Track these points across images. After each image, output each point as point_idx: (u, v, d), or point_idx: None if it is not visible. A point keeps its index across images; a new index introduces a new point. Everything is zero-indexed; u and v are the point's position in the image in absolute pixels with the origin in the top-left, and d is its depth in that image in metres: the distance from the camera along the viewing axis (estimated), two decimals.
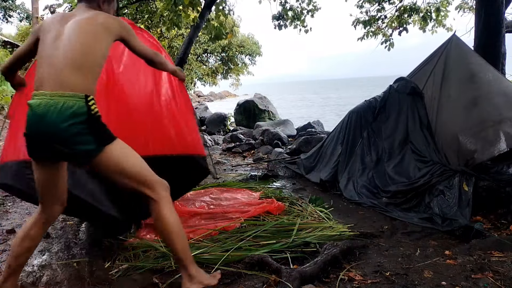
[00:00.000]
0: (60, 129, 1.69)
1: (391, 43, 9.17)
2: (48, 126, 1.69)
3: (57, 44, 1.81)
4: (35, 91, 1.78)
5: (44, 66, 1.79)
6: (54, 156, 1.80)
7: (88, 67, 1.80)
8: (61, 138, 1.71)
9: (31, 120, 1.73)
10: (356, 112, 4.51)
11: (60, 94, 1.71)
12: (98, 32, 1.85)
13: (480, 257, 2.34)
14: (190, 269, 1.94)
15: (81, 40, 1.80)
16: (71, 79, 1.74)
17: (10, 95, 11.57)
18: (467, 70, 3.84)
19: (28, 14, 21.77)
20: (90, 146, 1.75)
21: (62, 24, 1.86)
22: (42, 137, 1.73)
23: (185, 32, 14.53)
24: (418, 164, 3.70)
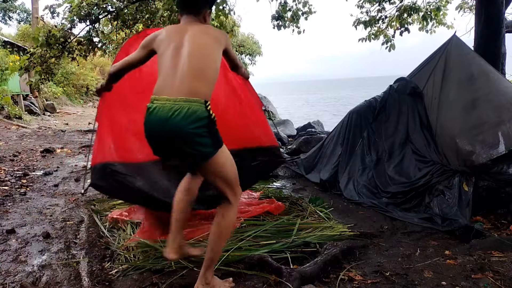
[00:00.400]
0: (185, 131, 1.84)
1: (392, 44, 9.17)
2: (173, 127, 1.84)
3: (179, 55, 1.98)
4: (156, 96, 1.93)
5: (167, 74, 1.96)
6: (175, 154, 1.98)
7: (208, 75, 1.97)
8: (186, 139, 1.86)
9: (154, 122, 1.90)
10: (356, 112, 4.52)
11: (184, 99, 1.86)
12: (212, 44, 2.05)
13: (480, 257, 2.34)
14: (210, 274, 2.04)
15: (202, 51, 1.99)
16: (194, 86, 1.90)
17: (10, 95, 11.58)
18: (467, 71, 3.84)
19: (28, 14, 21.78)
20: (208, 149, 1.91)
21: (180, 36, 2.04)
22: (166, 137, 1.89)
23: None
24: (418, 165, 3.71)
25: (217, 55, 2.06)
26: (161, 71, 2.01)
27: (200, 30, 2.07)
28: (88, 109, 18.42)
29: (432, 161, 3.62)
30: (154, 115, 1.89)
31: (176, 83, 1.91)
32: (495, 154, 3.21)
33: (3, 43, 13.53)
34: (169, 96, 1.89)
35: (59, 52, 7.85)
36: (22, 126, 10.51)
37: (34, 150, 7.09)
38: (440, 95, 3.88)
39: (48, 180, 4.83)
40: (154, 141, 1.98)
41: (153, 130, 1.93)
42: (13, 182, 4.57)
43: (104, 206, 3.64)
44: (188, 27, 2.09)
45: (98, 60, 21.14)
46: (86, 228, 3.10)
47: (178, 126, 1.84)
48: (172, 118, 1.84)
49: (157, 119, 1.88)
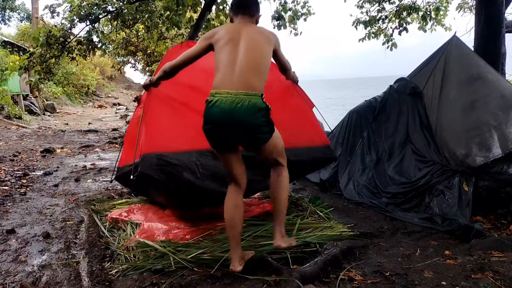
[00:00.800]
0: (248, 122, 2.08)
1: (394, 43, 9.17)
2: (237, 118, 2.06)
3: (236, 51, 2.18)
4: (216, 89, 2.12)
5: (226, 69, 2.15)
6: (236, 142, 2.21)
7: (263, 71, 2.20)
8: (249, 128, 2.11)
9: (217, 114, 2.08)
10: (356, 112, 4.51)
11: (244, 93, 2.07)
12: (265, 43, 2.27)
13: (480, 257, 2.34)
14: (283, 227, 2.28)
15: (258, 48, 2.22)
16: (253, 80, 2.13)
17: (10, 95, 11.58)
18: (466, 72, 3.83)
19: (28, 14, 21.79)
20: (267, 135, 2.17)
21: (237, 34, 2.24)
22: (230, 128, 2.10)
23: (185, 32, 14.52)
24: (418, 165, 3.71)
25: (269, 53, 2.28)
26: (220, 66, 2.19)
27: (255, 30, 2.29)
28: (88, 109, 18.42)
29: (432, 161, 3.62)
30: (216, 107, 2.07)
31: (235, 78, 2.11)
32: (491, 157, 3.23)
33: (3, 43, 13.54)
34: (230, 89, 2.08)
35: (59, 52, 7.85)
36: (22, 126, 10.52)
37: (34, 150, 7.10)
38: (440, 96, 3.89)
39: (48, 180, 4.83)
40: (215, 131, 2.16)
41: (216, 121, 2.11)
42: (13, 182, 4.57)
43: (104, 206, 3.65)
44: (244, 26, 2.29)
45: (98, 60, 21.15)
46: (86, 228, 3.10)
47: (242, 118, 2.06)
48: (235, 110, 2.04)
49: (220, 111, 2.07)
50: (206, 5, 8.02)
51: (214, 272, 2.25)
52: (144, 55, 22.52)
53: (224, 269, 2.28)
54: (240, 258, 2.19)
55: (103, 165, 5.88)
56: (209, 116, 2.13)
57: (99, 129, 10.98)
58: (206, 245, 2.58)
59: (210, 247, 2.56)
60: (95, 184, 4.67)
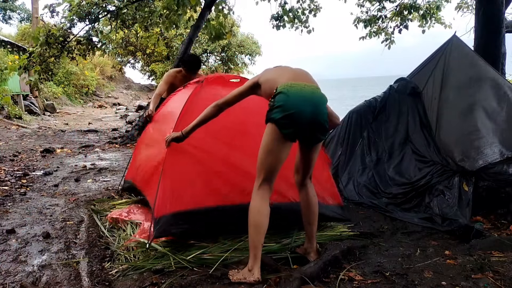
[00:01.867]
0: (323, 110, 2.21)
1: (392, 41, 9.19)
2: (316, 106, 2.17)
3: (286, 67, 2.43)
4: (291, 82, 2.18)
5: (290, 72, 2.31)
6: (307, 131, 2.21)
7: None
8: (322, 117, 2.20)
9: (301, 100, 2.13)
10: (356, 112, 4.51)
11: (316, 86, 2.24)
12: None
13: (480, 257, 2.34)
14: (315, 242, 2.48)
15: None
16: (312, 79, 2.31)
17: (10, 95, 11.58)
18: (466, 73, 3.84)
19: (29, 14, 21.78)
20: (326, 129, 2.27)
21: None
22: (309, 114, 2.14)
23: (185, 32, 14.52)
24: (418, 165, 3.71)
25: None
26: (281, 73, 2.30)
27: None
28: (88, 109, 18.42)
29: (432, 161, 3.62)
30: (298, 94, 2.13)
31: (300, 76, 2.26)
32: (490, 160, 3.23)
33: (3, 43, 13.53)
34: (306, 82, 2.21)
35: (59, 51, 7.86)
36: (22, 126, 10.52)
37: (34, 150, 7.10)
38: (440, 96, 3.89)
39: (48, 180, 4.83)
40: (295, 116, 2.12)
41: (298, 106, 2.12)
42: (13, 182, 4.57)
43: (104, 206, 3.64)
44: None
45: (98, 60, 21.15)
46: (86, 228, 3.10)
47: (319, 106, 2.19)
48: (314, 98, 2.17)
49: (302, 97, 2.13)
50: (206, 5, 8.03)
51: (214, 272, 2.25)
52: (144, 55, 22.56)
53: (224, 269, 2.28)
54: (258, 267, 2.16)
55: (103, 165, 5.88)
56: (290, 101, 2.13)
57: (99, 129, 10.98)
58: (206, 245, 2.58)
59: (210, 247, 2.55)
60: (95, 184, 4.67)
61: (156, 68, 21.73)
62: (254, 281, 2.10)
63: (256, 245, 2.15)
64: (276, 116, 2.13)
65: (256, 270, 2.13)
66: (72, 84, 18.93)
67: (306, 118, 2.14)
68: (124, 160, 6.08)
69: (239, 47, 22.40)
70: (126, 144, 8.03)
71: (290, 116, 2.12)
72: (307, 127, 2.18)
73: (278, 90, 2.17)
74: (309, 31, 9.98)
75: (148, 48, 20.65)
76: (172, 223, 2.40)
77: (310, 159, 2.38)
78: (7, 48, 13.26)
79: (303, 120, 2.14)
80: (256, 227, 2.16)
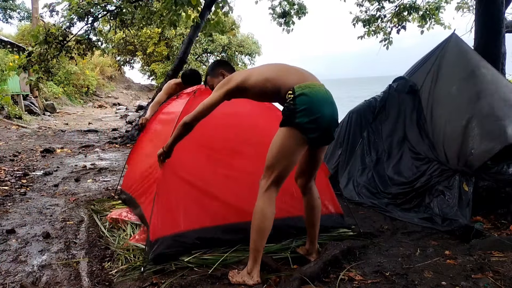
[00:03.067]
0: (337, 111, 2.20)
1: (390, 41, 9.20)
2: (334, 106, 2.17)
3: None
4: (304, 83, 2.09)
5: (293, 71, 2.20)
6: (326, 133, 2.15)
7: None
8: (337, 117, 2.20)
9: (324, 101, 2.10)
10: (356, 112, 4.51)
11: (323, 85, 2.17)
12: None
13: (480, 257, 2.34)
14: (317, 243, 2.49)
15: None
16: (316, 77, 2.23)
17: (10, 95, 11.58)
18: (465, 69, 3.83)
19: (29, 14, 21.77)
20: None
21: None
22: (332, 119, 2.14)
23: (185, 32, 14.51)
24: (415, 162, 3.71)
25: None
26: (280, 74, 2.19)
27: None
28: (88, 109, 18.43)
29: (427, 157, 3.60)
30: (318, 93, 2.08)
31: (311, 76, 2.20)
32: (493, 152, 3.20)
33: (3, 43, 13.53)
34: (314, 82, 2.14)
35: (58, 51, 7.86)
36: (22, 126, 10.52)
37: (34, 150, 7.10)
38: (438, 93, 3.88)
39: (48, 180, 4.83)
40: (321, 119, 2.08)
41: (322, 108, 2.07)
42: (13, 182, 4.57)
43: (104, 206, 3.65)
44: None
45: (98, 60, 21.15)
46: (86, 228, 3.10)
47: (334, 106, 2.16)
48: (329, 97, 2.13)
49: (323, 98, 2.09)
50: (206, 5, 8.02)
51: (214, 272, 2.25)
52: (144, 55, 22.56)
53: (224, 269, 2.28)
54: (258, 270, 2.14)
55: (103, 165, 5.88)
56: (314, 104, 2.05)
57: (99, 129, 10.98)
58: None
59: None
60: (95, 184, 4.67)
61: (156, 68, 21.74)
62: (253, 284, 2.08)
63: (258, 249, 2.12)
64: (303, 121, 2.03)
65: (256, 273, 2.12)
66: (72, 84, 18.94)
67: (327, 121, 2.10)
68: (124, 160, 6.08)
69: (239, 47, 22.40)
70: (126, 144, 8.03)
71: (316, 120, 2.05)
72: (329, 129, 2.14)
73: (297, 92, 2.05)
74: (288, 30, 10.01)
75: (149, 48, 20.64)
76: (168, 246, 2.37)
77: (318, 160, 2.35)
78: (7, 48, 13.25)
79: (325, 123, 2.09)
80: (259, 231, 2.10)
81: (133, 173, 3.59)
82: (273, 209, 2.13)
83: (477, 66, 3.80)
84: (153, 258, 2.31)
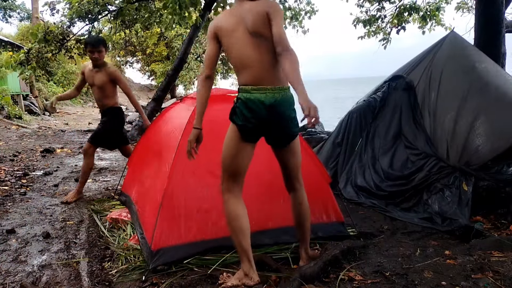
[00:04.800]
0: (287, 114, 2.11)
1: (388, 41, 9.21)
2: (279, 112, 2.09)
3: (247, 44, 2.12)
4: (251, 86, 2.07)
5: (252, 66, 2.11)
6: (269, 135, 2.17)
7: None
8: (287, 121, 2.11)
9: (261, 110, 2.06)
10: (356, 112, 4.51)
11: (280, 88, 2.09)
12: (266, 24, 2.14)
13: (480, 257, 2.34)
14: (308, 246, 2.41)
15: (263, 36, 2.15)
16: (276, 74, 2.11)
17: (10, 95, 11.58)
18: (467, 62, 3.83)
19: (29, 14, 21.76)
20: (296, 129, 2.16)
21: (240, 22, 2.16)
22: (271, 122, 2.09)
23: (185, 32, 14.50)
24: (410, 157, 3.70)
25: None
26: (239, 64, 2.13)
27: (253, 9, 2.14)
28: (88, 109, 18.42)
29: (424, 152, 3.60)
30: (258, 102, 2.03)
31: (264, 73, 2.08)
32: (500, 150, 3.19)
33: (3, 43, 13.53)
34: (267, 85, 2.04)
35: (56, 49, 7.83)
36: (22, 126, 10.51)
37: (34, 150, 7.09)
38: (439, 88, 3.86)
39: (48, 180, 4.83)
40: (256, 126, 2.08)
41: (259, 117, 2.04)
42: (13, 182, 4.57)
43: (104, 206, 3.65)
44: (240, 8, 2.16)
45: None
46: (86, 228, 3.10)
47: (283, 111, 2.06)
48: (276, 105, 2.04)
49: (262, 106, 2.03)
50: (206, 5, 8.02)
51: (214, 272, 2.25)
52: (144, 55, 22.53)
53: (224, 269, 2.28)
54: (254, 269, 2.10)
55: (103, 165, 5.88)
56: (251, 112, 2.03)
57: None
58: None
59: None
60: (95, 184, 4.67)
61: (156, 68, 21.72)
62: (254, 284, 2.05)
63: (245, 248, 2.09)
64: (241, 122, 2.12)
65: (254, 274, 2.08)
66: (72, 84, 18.93)
67: (265, 127, 2.14)
68: (124, 160, 6.07)
69: None
70: None
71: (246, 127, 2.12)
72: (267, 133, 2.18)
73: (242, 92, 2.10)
74: (304, 31, 10.00)
75: (149, 48, 20.63)
76: (169, 257, 2.37)
77: (285, 162, 2.27)
78: (7, 48, 13.26)
79: (261, 129, 2.14)
80: (239, 231, 2.08)
81: (133, 176, 3.59)
82: (240, 205, 2.13)
83: (478, 61, 3.79)
84: (153, 269, 2.30)
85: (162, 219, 2.45)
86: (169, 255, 2.37)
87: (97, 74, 3.86)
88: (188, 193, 2.61)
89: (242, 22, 2.07)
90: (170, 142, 2.99)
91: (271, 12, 2.00)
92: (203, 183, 2.66)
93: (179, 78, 18.24)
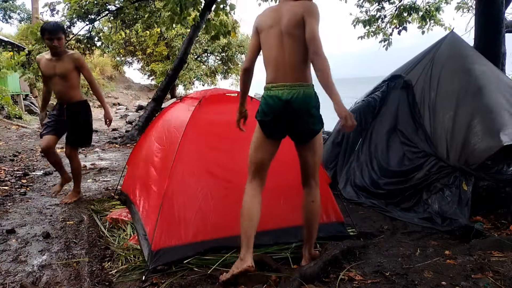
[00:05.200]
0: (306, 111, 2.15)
1: (389, 42, 9.20)
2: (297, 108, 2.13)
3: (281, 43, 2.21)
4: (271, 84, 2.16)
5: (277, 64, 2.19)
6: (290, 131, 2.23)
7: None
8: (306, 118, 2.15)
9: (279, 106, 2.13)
10: (356, 112, 4.50)
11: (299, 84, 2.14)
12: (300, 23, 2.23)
13: (480, 257, 2.34)
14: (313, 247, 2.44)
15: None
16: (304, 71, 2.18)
17: (10, 95, 11.58)
18: (466, 63, 3.83)
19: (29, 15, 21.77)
20: (319, 125, 2.19)
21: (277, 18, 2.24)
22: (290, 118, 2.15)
23: (185, 32, 14.49)
24: (407, 154, 3.70)
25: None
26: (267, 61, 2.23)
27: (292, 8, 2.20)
28: None
29: (423, 151, 3.60)
30: (276, 99, 2.11)
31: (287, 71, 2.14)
32: (493, 150, 3.19)
33: (3, 43, 13.53)
34: (285, 82, 2.11)
35: None
36: (22, 126, 10.51)
37: (34, 150, 7.09)
38: (438, 88, 3.87)
39: (48, 180, 4.82)
40: (273, 121, 2.15)
41: (276, 112, 2.12)
42: (13, 182, 4.57)
43: (104, 206, 3.65)
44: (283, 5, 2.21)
45: (98, 59, 21.13)
46: (86, 228, 3.10)
47: (300, 108, 2.09)
48: (293, 101, 2.08)
49: (280, 103, 2.10)
50: (206, 5, 8.01)
51: (214, 272, 2.25)
52: (144, 55, 22.53)
53: (224, 269, 2.28)
54: (250, 254, 2.11)
55: (103, 165, 5.88)
56: (269, 107, 2.14)
57: (99, 129, 10.97)
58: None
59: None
60: (95, 184, 4.67)
61: (156, 68, 21.73)
62: (246, 268, 2.04)
63: (248, 234, 2.13)
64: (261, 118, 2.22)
65: (249, 258, 2.08)
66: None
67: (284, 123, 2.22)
68: (124, 160, 6.07)
69: (239, 47, 22.37)
70: (126, 144, 8.02)
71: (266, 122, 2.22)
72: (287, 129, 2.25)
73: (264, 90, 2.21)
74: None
75: (149, 48, 20.64)
76: (169, 257, 2.37)
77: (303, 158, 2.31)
78: (7, 48, 13.26)
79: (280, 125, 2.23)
80: (248, 219, 2.15)
81: (132, 176, 3.59)
82: (258, 199, 2.19)
83: (477, 62, 3.80)
84: (153, 269, 2.30)
85: (162, 219, 2.45)
86: (169, 255, 2.37)
87: (58, 63, 3.55)
88: (188, 193, 2.61)
89: (280, 20, 2.14)
90: (170, 142, 2.99)
91: (307, 13, 2.05)
92: (203, 183, 2.65)
93: (179, 78, 18.24)
